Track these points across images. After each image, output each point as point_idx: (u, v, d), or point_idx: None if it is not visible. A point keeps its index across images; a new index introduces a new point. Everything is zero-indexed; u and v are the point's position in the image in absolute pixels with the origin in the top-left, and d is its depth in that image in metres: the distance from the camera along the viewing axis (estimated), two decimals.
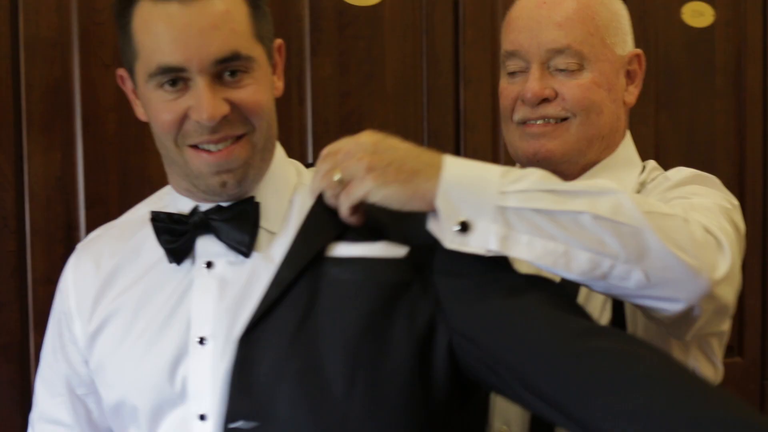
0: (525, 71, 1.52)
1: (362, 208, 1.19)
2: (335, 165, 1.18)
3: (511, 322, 1.13)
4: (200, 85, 1.23)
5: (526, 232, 1.11)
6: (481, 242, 1.11)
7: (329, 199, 1.19)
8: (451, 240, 1.12)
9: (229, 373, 1.18)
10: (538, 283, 1.18)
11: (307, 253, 1.19)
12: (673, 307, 1.16)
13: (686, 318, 1.20)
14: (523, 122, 1.52)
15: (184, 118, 1.24)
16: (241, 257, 1.27)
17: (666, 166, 1.59)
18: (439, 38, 2.25)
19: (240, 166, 1.27)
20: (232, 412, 1.17)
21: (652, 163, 1.57)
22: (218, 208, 1.29)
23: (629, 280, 1.13)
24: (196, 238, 1.30)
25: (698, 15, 2.45)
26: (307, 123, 2.09)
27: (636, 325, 1.44)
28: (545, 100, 1.50)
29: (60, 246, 1.89)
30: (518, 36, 1.51)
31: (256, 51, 1.26)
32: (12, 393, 1.86)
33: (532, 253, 1.11)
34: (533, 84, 1.49)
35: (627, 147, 1.58)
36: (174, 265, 1.30)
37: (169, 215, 1.31)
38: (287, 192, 1.32)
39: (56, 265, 1.87)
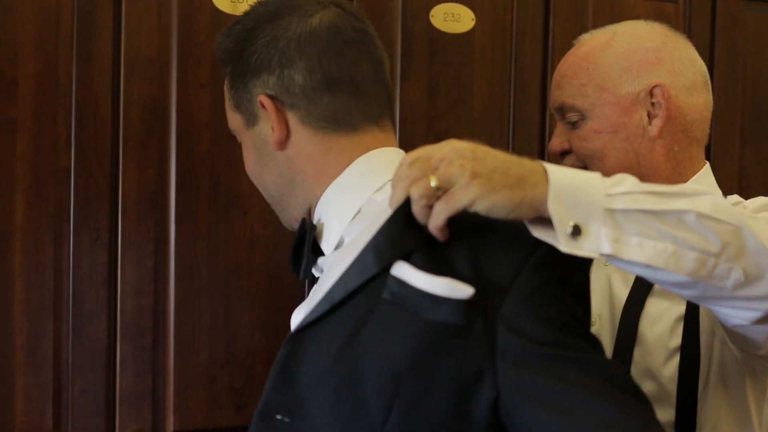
0: None
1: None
2: (428, 171, 1.07)
3: (566, 410, 1.03)
4: None
5: (636, 234, 1.07)
6: (594, 246, 1.06)
7: (420, 210, 1.08)
8: (565, 244, 1.06)
9: (276, 366, 1.15)
10: (603, 369, 1.07)
11: (374, 266, 1.11)
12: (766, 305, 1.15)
13: None
14: None
15: None
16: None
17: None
18: (527, 66, 2.23)
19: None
20: (268, 403, 1.15)
21: (734, 198, 1.55)
22: None
23: (729, 279, 1.10)
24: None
25: None
26: (394, 145, 2.07)
27: (711, 354, 1.40)
28: (566, 154, 1.56)
29: (149, 259, 1.90)
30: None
31: (234, 122, 1.36)
32: (96, 400, 1.87)
33: (643, 254, 1.07)
34: (552, 140, 1.59)
35: (700, 181, 1.54)
36: None
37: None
38: (345, 215, 1.27)
39: (145, 277, 1.89)
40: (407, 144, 2.08)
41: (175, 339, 1.93)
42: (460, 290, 1.07)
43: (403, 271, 1.10)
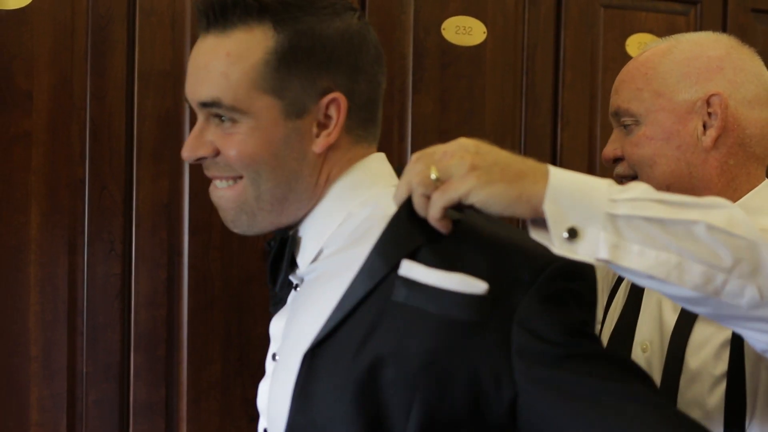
0: None
1: (449, 215, 1.06)
2: (431, 164, 1.03)
3: (582, 412, 1.01)
4: (198, 121, 1.16)
5: (638, 242, 1.00)
6: (591, 250, 1.00)
7: (418, 199, 1.04)
8: (559, 246, 1.00)
9: (293, 386, 1.09)
10: (623, 365, 1.05)
11: (380, 269, 1.06)
12: None
13: None
14: (619, 182, 1.50)
15: None
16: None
17: None
18: (539, 79, 2.18)
19: (230, 208, 1.17)
20: (291, 426, 1.09)
21: None
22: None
23: (742, 297, 1.01)
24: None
25: None
26: (406, 159, 2.04)
27: (758, 380, 1.31)
28: (618, 160, 1.48)
29: (163, 271, 1.86)
30: None
31: (256, 103, 1.12)
32: (110, 410, 1.84)
33: (644, 263, 1.00)
34: (606, 147, 1.50)
35: (756, 197, 1.44)
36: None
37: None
38: (325, 232, 1.18)
39: (159, 289, 1.86)
40: None
41: (188, 350, 1.89)
42: (475, 285, 1.02)
43: (412, 270, 1.05)
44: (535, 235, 1.03)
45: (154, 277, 1.86)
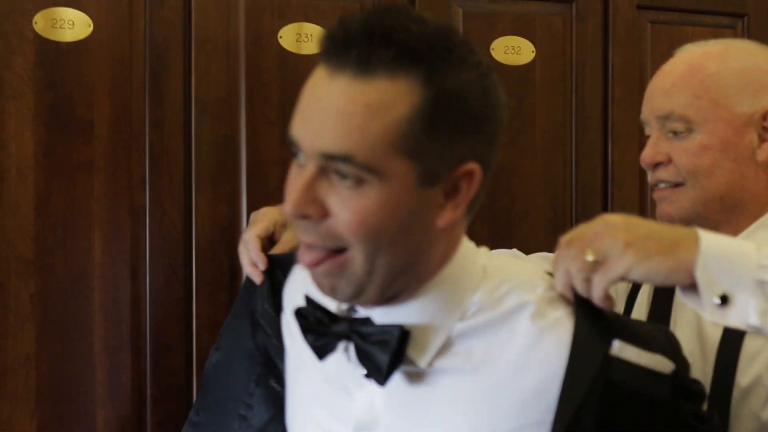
0: None
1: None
2: (584, 247, 1.03)
3: None
4: (305, 170, 0.98)
5: None
6: (741, 316, 1.01)
7: (579, 283, 1.03)
8: (711, 312, 1.02)
9: None
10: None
11: (599, 354, 1.02)
12: None
13: None
14: (653, 186, 1.47)
15: None
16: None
17: None
18: (588, 95, 2.17)
19: (330, 276, 1.01)
20: None
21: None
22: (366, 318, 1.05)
23: None
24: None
25: None
26: None
27: None
28: (660, 165, 1.45)
29: (223, 293, 1.87)
30: (643, 105, 1.50)
31: (392, 165, 0.95)
32: (175, 431, 1.84)
33: None
34: (646, 150, 1.46)
35: None
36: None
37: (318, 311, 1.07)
38: (448, 319, 1.05)
39: (219, 311, 1.86)
40: None
41: None
42: (667, 365, 1.05)
43: (625, 351, 1.04)
44: (687, 300, 1.04)
45: (215, 300, 1.86)
